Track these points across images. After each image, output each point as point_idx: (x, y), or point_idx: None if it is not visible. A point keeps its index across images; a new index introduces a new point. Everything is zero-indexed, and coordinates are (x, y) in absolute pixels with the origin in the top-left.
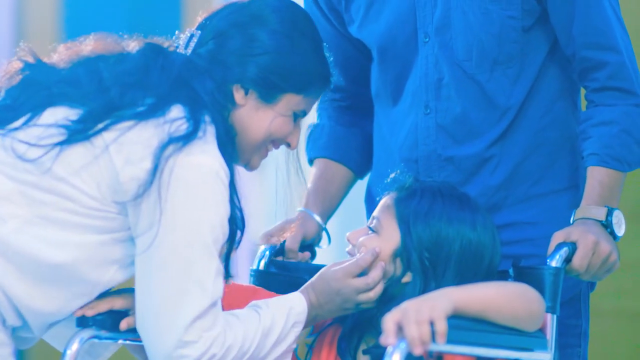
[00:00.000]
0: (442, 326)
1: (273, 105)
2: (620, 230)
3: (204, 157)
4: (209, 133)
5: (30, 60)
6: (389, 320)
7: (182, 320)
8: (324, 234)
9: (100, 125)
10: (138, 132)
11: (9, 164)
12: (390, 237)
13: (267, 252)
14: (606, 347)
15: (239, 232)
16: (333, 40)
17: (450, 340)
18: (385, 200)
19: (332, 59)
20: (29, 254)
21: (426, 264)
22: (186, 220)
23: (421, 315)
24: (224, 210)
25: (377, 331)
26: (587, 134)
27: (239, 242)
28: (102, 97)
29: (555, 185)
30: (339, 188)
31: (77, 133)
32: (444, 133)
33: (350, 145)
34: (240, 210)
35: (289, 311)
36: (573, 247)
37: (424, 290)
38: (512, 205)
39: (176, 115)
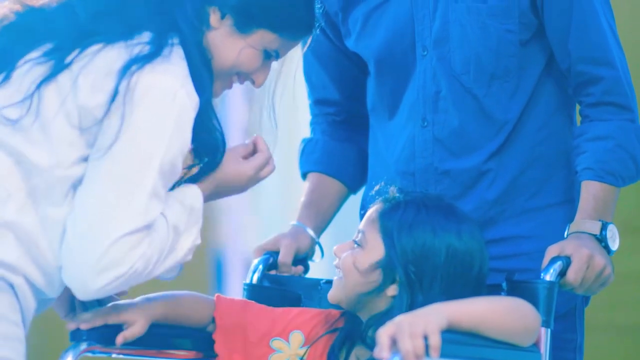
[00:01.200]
0: (436, 340)
1: (246, 36)
2: (614, 245)
3: (167, 77)
4: (175, 54)
5: (19, 8)
6: (383, 334)
7: (114, 232)
8: (317, 247)
9: (75, 53)
10: (103, 57)
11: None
12: (375, 251)
13: (261, 266)
14: None
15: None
16: (329, 53)
17: (444, 354)
18: (370, 213)
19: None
20: (37, 238)
21: (412, 277)
22: (140, 136)
23: (415, 328)
24: (181, 134)
25: (367, 345)
26: (581, 149)
27: (217, 164)
28: (74, 27)
29: (551, 199)
30: (332, 202)
31: (56, 62)
32: (440, 146)
33: (344, 160)
34: (221, 132)
35: (190, 209)
36: (567, 261)
37: (412, 303)
38: (508, 219)
39: (141, 40)
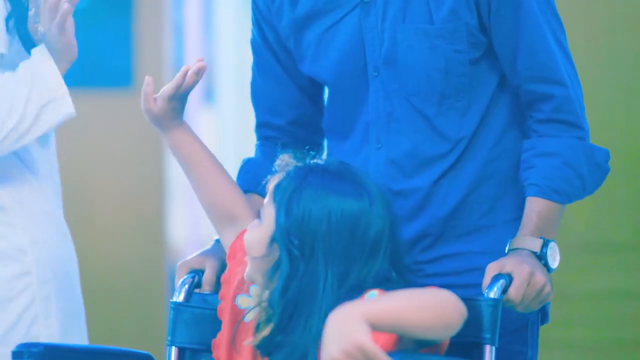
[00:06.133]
0: (371, 347)
1: None
2: (554, 263)
3: None
4: None
5: None
6: None
7: None
8: None
9: None
10: None
11: None
12: (270, 224)
13: (187, 285)
14: None
15: None
16: (279, 79)
17: None
18: (270, 186)
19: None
20: None
21: (294, 251)
22: None
23: (347, 345)
24: None
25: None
26: (529, 164)
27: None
28: None
29: (504, 216)
30: None
31: None
32: (394, 167)
33: None
34: None
35: None
36: (510, 278)
37: (292, 274)
38: (461, 236)
39: None
